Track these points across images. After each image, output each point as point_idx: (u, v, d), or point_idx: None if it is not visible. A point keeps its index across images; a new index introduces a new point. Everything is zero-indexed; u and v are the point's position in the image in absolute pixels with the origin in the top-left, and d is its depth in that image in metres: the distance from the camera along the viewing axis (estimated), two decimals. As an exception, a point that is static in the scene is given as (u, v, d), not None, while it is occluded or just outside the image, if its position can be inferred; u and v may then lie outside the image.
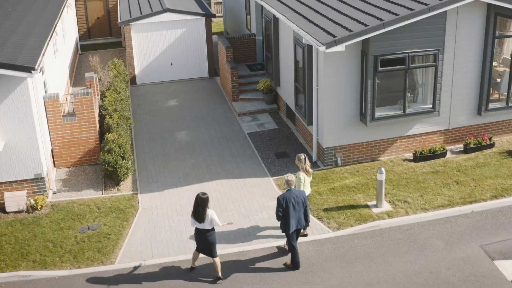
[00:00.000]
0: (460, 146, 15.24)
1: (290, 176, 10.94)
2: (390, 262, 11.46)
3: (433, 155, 14.66)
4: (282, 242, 12.03)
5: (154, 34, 20.54)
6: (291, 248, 11.19)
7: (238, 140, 16.60)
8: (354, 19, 13.70)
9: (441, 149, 14.73)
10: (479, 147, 14.89)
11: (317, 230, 12.43)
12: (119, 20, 20.62)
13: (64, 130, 14.85)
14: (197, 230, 10.87)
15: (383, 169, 12.59)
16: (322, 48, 12.74)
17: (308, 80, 14.56)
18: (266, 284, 11.00)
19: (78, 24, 25.53)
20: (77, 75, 22.18)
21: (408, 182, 13.87)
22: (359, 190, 13.67)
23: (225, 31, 25.91)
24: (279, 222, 11.10)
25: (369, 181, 13.99)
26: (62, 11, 17.59)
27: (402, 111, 14.16)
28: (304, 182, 11.65)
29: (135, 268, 11.58)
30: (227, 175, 14.75)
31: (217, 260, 11.05)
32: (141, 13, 20.47)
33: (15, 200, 13.32)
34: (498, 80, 15.30)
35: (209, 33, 20.95)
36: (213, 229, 10.83)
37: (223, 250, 11.91)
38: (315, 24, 14.02)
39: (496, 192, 13.26)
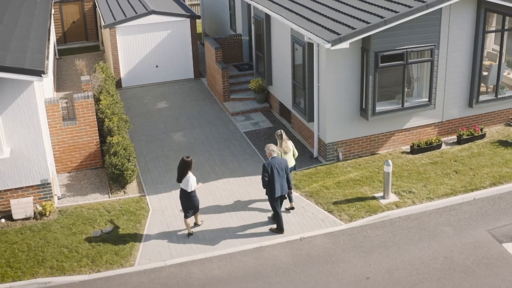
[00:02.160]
0: (453, 138, 15.90)
1: (273, 146, 12.23)
2: (405, 249, 11.89)
3: (430, 147, 15.24)
4: (298, 235, 12.31)
5: (139, 37, 20.43)
6: (275, 214, 12.32)
7: (236, 140, 16.75)
8: (353, 17, 14.11)
9: (437, 141, 15.33)
10: (472, 138, 15.57)
11: (330, 223, 12.75)
12: (103, 23, 20.41)
13: (64, 134, 14.65)
14: (181, 189, 12.21)
15: (390, 161, 13.02)
16: (328, 46, 13.08)
17: (308, 78, 14.87)
18: (289, 277, 11.23)
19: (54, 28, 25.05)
20: (58, 80, 21.80)
21: (409, 173, 14.38)
22: (364, 183, 14.08)
23: (203, 32, 25.95)
24: (265, 189, 12.15)
25: (372, 174, 14.43)
26: (51, 13, 17.30)
27: (401, 105, 14.67)
28: (282, 155, 12.77)
29: (156, 268, 11.59)
30: (232, 173, 14.89)
31: (188, 221, 12.41)
32: (125, 16, 20.33)
33: (22, 207, 13.05)
34: (485, 73, 16.04)
35: (194, 34, 21.00)
36: (193, 193, 12.11)
37: (241, 247, 12.08)
38: (315, 22, 14.34)
39: (494, 180, 13.92)
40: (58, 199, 13.91)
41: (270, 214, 12.96)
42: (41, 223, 12.95)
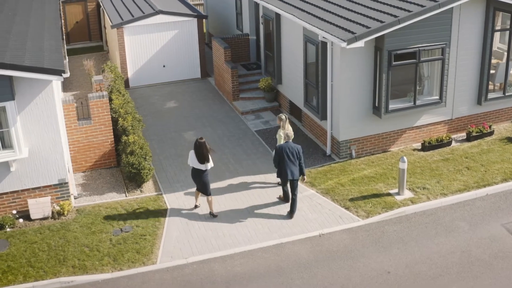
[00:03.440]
0: (462, 135, 16.14)
1: (288, 131, 12.93)
2: (423, 244, 12.09)
3: (440, 144, 15.46)
4: (317, 231, 12.48)
5: (146, 36, 20.50)
6: (283, 190, 13.33)
7: (247, 138, 16.88)
8: (366, 16, 14.29)
9: (447, 138, 15.55)
10: (481, 135, 15.82)
11: (347, 219, 12.91)
12: (110, 23, 20.44)
13: (79, 134, 14.71)
14: (194, 169, 12.87)
15: (405, 158, 13.22)
16: (344, 45, 13.25)
17: (322, 76, 15.02)
18: (311, 272, 11.38)
19: (56, 28, 25.02)
20: (65, 80, 21.70)
21: (422, 170, 14.59)
22: (379, 179, 14.26)
23: (207, 32, 26.02)
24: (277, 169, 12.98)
25: (386, 171, 14.61)
26: (61, 13, 17.32)
27: (413, 103, 14.87)
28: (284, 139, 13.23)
29: (179, 266, 11.69)
30: (247, 172, 15.01)
31: (210, 198, 13.05)
32: (132, 16, 20.38)
33: (40, 207, 13.09)
34: (492, 71, 16.29)
35: (201, 34, 21.10)
36: (206, 170, 12.81)
37: (262, 244, 12.21)
38: (328, 22, 14.50)
39: (505, 176, 14.17)
40: (74, 198, 13.96)
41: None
42: (60, 222, 13.00)
